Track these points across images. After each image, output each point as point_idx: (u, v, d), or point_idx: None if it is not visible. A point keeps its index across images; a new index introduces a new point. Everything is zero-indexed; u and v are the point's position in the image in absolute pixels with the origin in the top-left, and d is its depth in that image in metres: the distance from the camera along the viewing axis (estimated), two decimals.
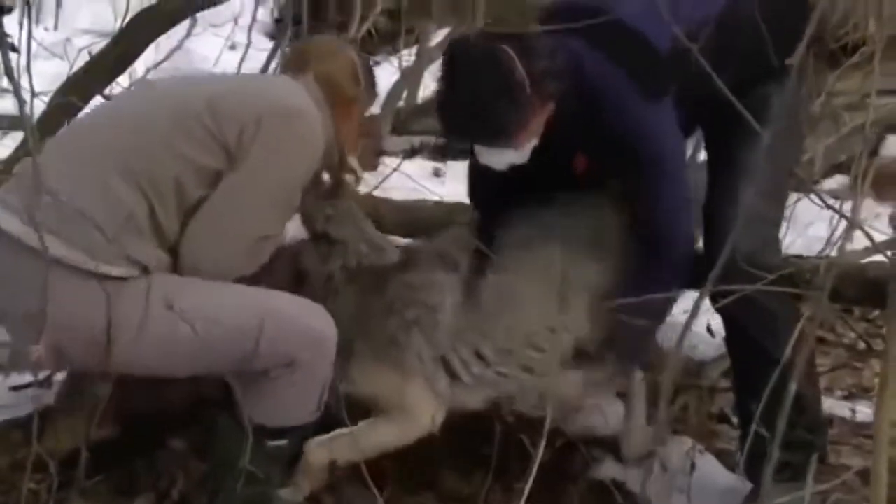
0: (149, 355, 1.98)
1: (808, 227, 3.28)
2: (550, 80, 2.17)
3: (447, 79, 2.22)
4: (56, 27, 5.86)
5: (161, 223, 1.98)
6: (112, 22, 4.92)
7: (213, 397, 2.27)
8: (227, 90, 2.10)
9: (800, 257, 2.53)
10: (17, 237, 1.90)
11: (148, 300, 1.93)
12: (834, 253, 2.28)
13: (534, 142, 2.26)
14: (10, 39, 3.28)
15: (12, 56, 3.15)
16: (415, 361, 2.29)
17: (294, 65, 2.26)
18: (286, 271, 2.26)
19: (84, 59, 3.58)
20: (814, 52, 2.33)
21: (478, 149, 2.29)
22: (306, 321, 2.09)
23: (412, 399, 2.30)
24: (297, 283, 2.30)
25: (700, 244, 2.38)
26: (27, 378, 2.48)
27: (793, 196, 2.57)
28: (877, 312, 3.31)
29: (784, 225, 2.47)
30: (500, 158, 2.28)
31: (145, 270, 1.96)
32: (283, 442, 2.13)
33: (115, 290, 1.90)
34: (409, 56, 5.21)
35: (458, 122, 2.24)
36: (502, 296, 2.36)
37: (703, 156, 3.75)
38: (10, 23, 3.35)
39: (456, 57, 2.22)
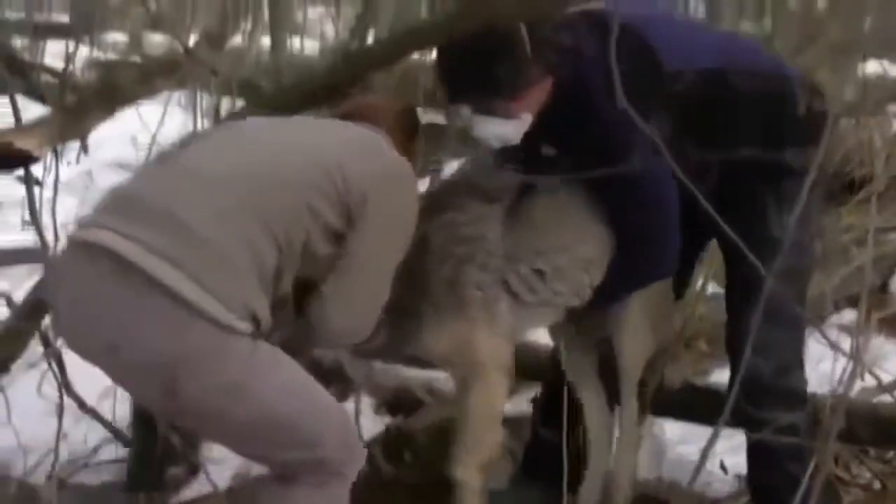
0: (236, 418, 1.91)
1: (819, 363, 3.25)
2: (551, 52, 2.17)
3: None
4: (78, 161, 6.00)
5: (281, 281, 1.95)
6: (134, 157, 5.05)
7: None
8: (350, 150, 2.08)
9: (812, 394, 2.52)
10: (152, 275, 1.80)
11: (252, 363, 1.88)
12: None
13: (528, 118, 2.23)
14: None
15: (35, 188, 3.25)
16: (475, 295, 2.25)
17: (371, 119, 2.22)
18: None
19: None
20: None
21: (475, 120, 2.24)
22: (356, 438, 2.08)
23: (481, 349, 2.26)
24: None
25: None
26: None
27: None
28: (892, 453, 3.25)
29: None
30: (495, 130, 2.24)
31: (258, 327, 1.90)
32: None
33: (228, 344, 1.85)
34: (422, 185, 5.30)
35: (454, 75, 2.24)
36: (556, 217, 2.37)
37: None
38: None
39: None
